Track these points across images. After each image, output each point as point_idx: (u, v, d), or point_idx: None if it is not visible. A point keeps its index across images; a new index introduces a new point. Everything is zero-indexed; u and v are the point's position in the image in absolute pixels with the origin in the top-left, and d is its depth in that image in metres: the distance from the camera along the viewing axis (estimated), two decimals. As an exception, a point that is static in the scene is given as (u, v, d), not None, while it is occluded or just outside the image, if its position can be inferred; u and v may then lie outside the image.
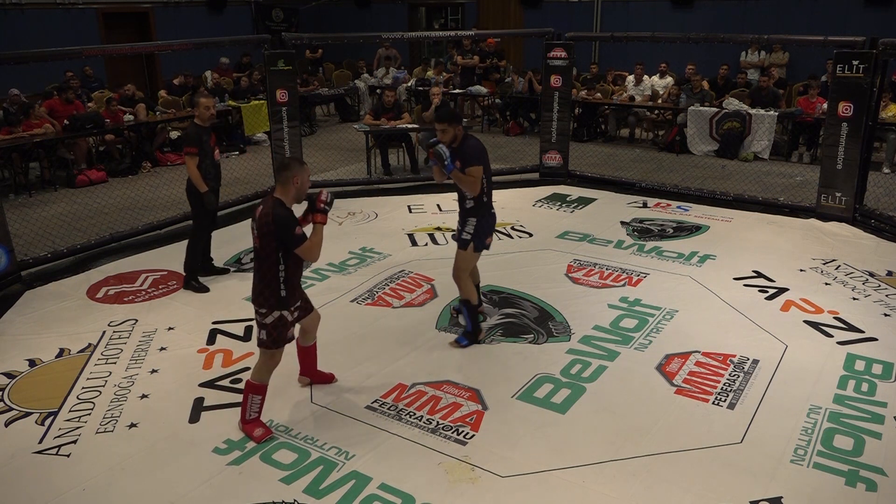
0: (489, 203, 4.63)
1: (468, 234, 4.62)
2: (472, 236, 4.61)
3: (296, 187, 3.65)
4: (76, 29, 12.22)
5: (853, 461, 3.55)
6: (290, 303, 3.75)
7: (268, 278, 3.66)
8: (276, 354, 3.79)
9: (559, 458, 3.61)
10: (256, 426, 3.83)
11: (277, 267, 3.65)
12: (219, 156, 5.78)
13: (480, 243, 4.66)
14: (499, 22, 14.73)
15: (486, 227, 4.65)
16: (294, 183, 3.64)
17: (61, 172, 9.22)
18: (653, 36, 9.48)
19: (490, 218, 4.67)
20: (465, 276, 4.73)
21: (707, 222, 7.24)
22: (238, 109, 10.82)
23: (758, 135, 9.88)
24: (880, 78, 6.97)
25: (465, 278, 4.72)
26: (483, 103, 12.41)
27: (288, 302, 3.73)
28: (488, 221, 4.65)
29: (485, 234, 4.65)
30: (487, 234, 4.67)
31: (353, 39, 11.08)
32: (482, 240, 4.66)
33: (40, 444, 3.78)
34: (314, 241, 3.67)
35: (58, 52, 6.99)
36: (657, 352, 4.65)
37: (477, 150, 4.50)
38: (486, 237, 4.67)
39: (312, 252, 3.67)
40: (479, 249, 4.69)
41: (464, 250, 4.67)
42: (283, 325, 3.74)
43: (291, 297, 3.75)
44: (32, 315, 5.34)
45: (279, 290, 3.67)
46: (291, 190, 3.65)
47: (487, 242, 4.71)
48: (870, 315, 5.10)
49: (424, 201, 8.09)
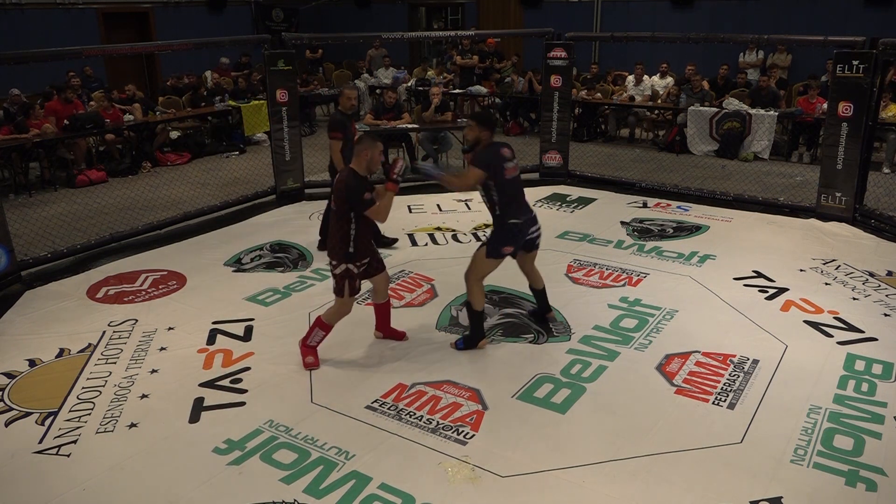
0: (510, 213, 4.50)
1: (486, 237, 4.60)
2: (490, 242, 4.56)
3: (366, 160, 4.22)
4: (76, 29, 12.23)
5: (853, 461, 3.55)
6: (357, 258, 4.32)
7: (340, 234, 4.26)
8: (346, 303, 4.41)
9: (559, 458, 3.61)
10: (309, 353, 4.49)
11: (349, 226, 4.23)
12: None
13: (494, 249, 4.54)
14: (499, 22, 14.74)
15: (504, 236, 4.53)
16: (364, 156, 4.21)
17: (61, 172, 9.23)
18: (653, 36, 9.49)
19: (511, 228, 4.51)
20: (474, 278, 4.60)
21: (707, 222, 7.24)
22: (238, 109, 10.82)
23: (758, 135, 9.88)
24: (880, 78, 6.97)
25: (474, 281, 4.60)
26: (483, 103, 12.41)
27: (354, 257, 4.30)
28: (509, 231, 4.52)
29: (501, 241, 4.53)
30: (505, 242, 4.54)
31: (353, 39, 11.10)
32: (496, 246, 4.54)
33: (40, 444, 3.78)
34: (383, 205, 4.23)
35: (58, 52, 6.98)
36: (657, 352, 4.64)
37: (487, 155, 4.45)
38: (502, 245, 4.54)
39: (380, 214, 4.26)
40: (493, 256, 4.55)
41: (479, 251, 4.62)
42: (350, 276, 4.33)
43: (358, 253, 4.31)
44: (32, 315, 5.35)
45: (348, 246, 4.27)
46: (363, 162, 4.22)
47: (504, 251, 4.56)
48: (870, 315, 5.10)
49: (424, 201, 8.10)
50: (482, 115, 4.80)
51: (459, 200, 8.14)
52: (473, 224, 7.27)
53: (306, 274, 5.99)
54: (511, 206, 4.52)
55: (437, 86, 10.87)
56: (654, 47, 11.89)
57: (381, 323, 4.85)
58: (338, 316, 4.47)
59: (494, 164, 4.44)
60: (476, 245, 6.60)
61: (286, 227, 7.24)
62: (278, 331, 5.00)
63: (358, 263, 4.34)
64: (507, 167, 4.48)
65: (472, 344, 4.70)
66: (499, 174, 4.45)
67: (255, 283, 5.81)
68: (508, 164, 4.50)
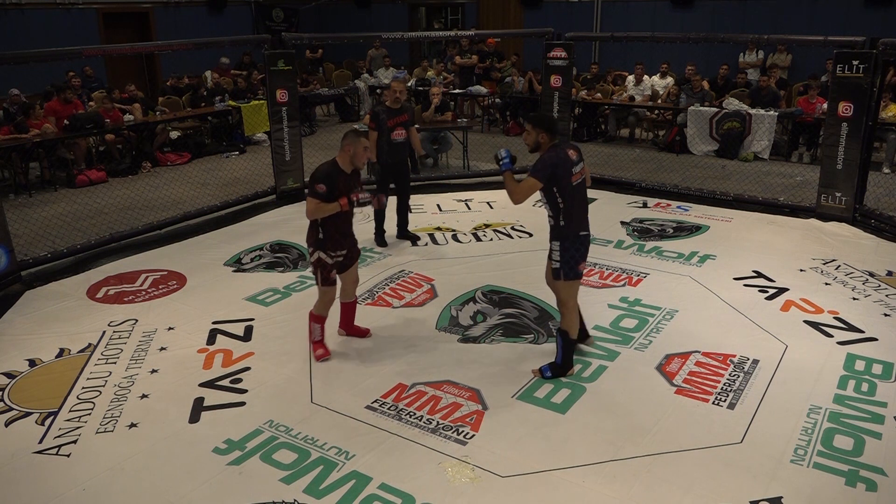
0: (573, 227, 4.17)
1: (556, 262, 4.22)
2: (561, 264, 4.20)
3: (349, 155, 4.26)
4: (76, 29, 12.23)
5: (853, 461, 3.55)
6: (328, 246, 4.37)
7: (312, 221, 4.33)
8: (326, 292, 4.48)
9: (559, 458, 3.61)
10: (317, 347, 4.59)
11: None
12: (399, 135, 6.43)
13: (570, 270, 4.22)
14: (499, 22, 14.74)
15: (576, 251, 4.20)
16: (347, 151, 4.26)
17: (61, 172, 9.22)
18: (653, 36, 9.49)
19: (576, 242, 4.19)
20: (573, 304, 4.30)
21: (707, 222, 7.25)
22: (238, 109, 10.82)
23: (758, 135, 9.88)
24: (880, 78, 6.97)
25: (572, 308, 4.29)
26: (483, 103, 12.41)
27: (325, 245, 4.36)
28: (574, 246, 4.18)
29: (574, 259, 4.20)
30: (578, 258, 4.22)
31: (353, 39, 11.08)
32: (572, 266, 4.21)
33: (40, 444, 3.78)
34: (315, 206, 4.24)
35: (58, 52, 6.98)
36: (657, 352, 4.65)
37: (545, 164, 4.03)
38: (576, 263, 4.22)
39: (307, 209, 4.30)
40: (571, 277, 4.23)
41: (557, 280, 4.27)
42: (324, 265, 4.40)
43: (330, 242, 4.36)
44: (32, 315, 5.34)
45: (318, 232, 4.35)
46: (346, 156, 4.28)
47: (580, 269, 4.27)
48: (870, 315, 5.10)
49: (424, 201, 8.09)
50: (537, 116, 4.29)
51: (459, 200, 8.14)
52: (473, 224, 7.27)
53: (306, 274, 5.98)
54: (577, 214, 4.16)
55: (437, 86, 10.87)
56: (654, 47, 11.89)
57: (345, 321, 4.87)
58: (322, 306, 4.52)
59: (557, 169, 4.02)
60: (477, 245, 6.67)
61: (286, 227, 7.24)
62: (278, 331, 5.00)
63: (331, 253, 4.40)
64: (574, 171, 4.08)
65: (563, 372, 4.33)
66: (563, 180, 4.05)
67: (255, 283, 5.81)
68: (575, 169, 4.10)
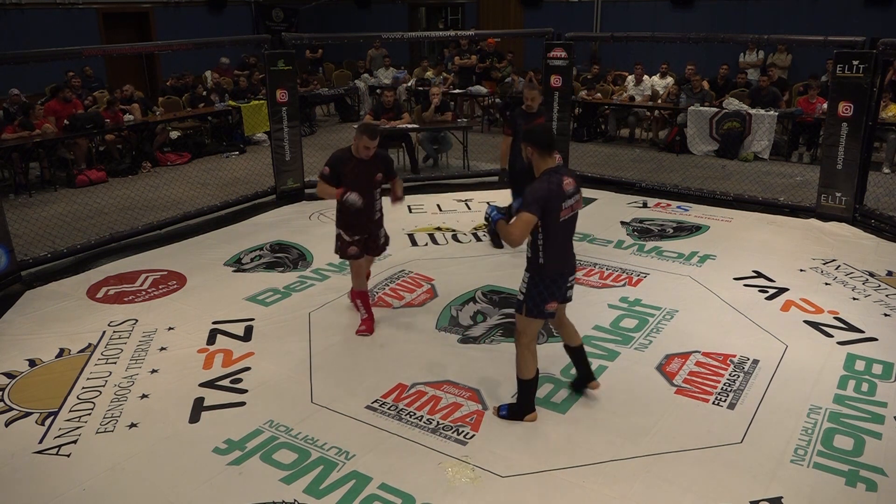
0: (551, 267, 3.65)
1: (521, 293, 3.75)
2: (525, 298, 3.71)
3: (355, 145, 4.69)
4: (76, 29, 12.22)
5: (853, 461, 3.55)
6: (347, 225, 4.81)
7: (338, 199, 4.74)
8: (352, 265, 4.93)
9: (559, 458, 3.61)
10: (362, 324, 4.95)
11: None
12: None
13: (535, 307, 3.68)
14: (499, 22, 14.74)
15: (545, 290, 3.67)
16: (354, 141, 4.69)
17: (61, 172, 9.22)
18: (653, 36, 9.48)
19: (552, 283, 3.68)
20: (526, 342, 3.77)
21: (707, 222, 7.24)
22: (238, 109, 10.82)
23: (758, 135, 9.88)
24: (880, 78, 6.97)
25: (525, 345, 3.77)
26: (483, 103, 12.40)
27: (344, 223, 4.81)
28: (546, 285, 3.67)
29: (542, 297, 3.67)
30: (547, 297, 3.67)
31: (353, 39, 11.08)
32: (538, 304, 3.67)
33: (40, 444, 3.78)
34: (321, 186, 4.77)
35: (58, 52, 6.99)
36: (657, 352, 4.64)
37: (536, 196, 3.49)
38: (545, 302, 3.67)
39: (317, 187, 4.83)
40: (534, 315, 3.71)
41: (518, 313, 3.78)
42: (342, 242, 4.84)
43: (345, 223, 4.81)
44: (32, 315, 5.34)
45: (338, 211, 4.84)
46: (354, 146, 4.72)
47: (548, 309, 3.70)
48: (870, 315, 5.10)
49: (424, 201, 8.09)
50: (534, 131, 3.71)
51: (459, 200, 8.14)
52: (473, 224, 7.27)
53: (306, 274, 5.99)
54: (557, 253, 3.66)
55: (436, 86, 10.86)
56: (654, 47, 11.88)
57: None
58: (357, 277, 4.96)
59: (549, 203, 3.51)
60: (477, 245, 6.67)
61: (286, 227, 7.24)
62: (278, 331, 5.00)
63: (349, 232, 4.80)
64: (564, 206, 3.57)
65: (519, 416, 3.90)
66: (551, 215, 3.54)
67: (255, 283, 5.81)
68: (566, 203, 3.58)
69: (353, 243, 4.80)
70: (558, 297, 3.76)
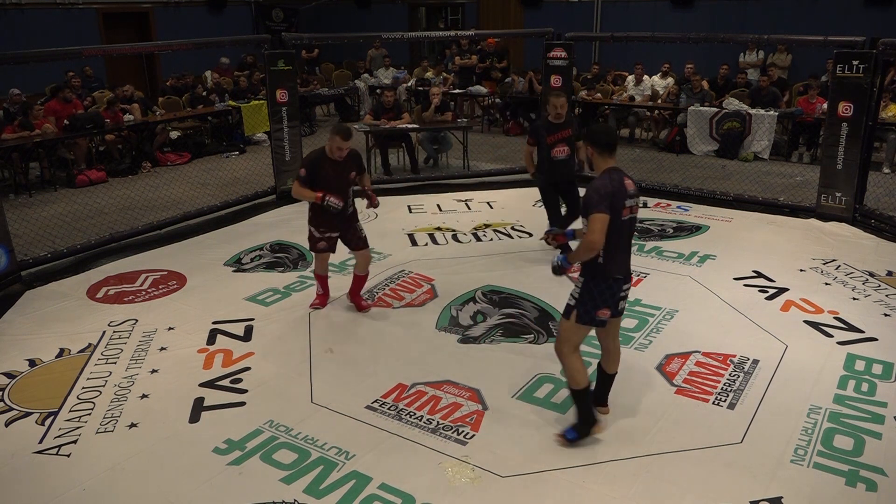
0: (611, 267, 3.50)
1: (572, 297, 3.61)
2: (577, 303, 3.58)
3: (329, 146, 4.82)
4: (76, 29, 12.23)
5: (853, 461, 3.55)
6: (318, 223, 4.98)
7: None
8: (315, 256, 5.21)
9: (559, 458, 3.61)
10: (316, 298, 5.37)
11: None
12: (561, 153, 6.05)
13: (586, 314, 3.55)
14: (499, 22, 14.73)
15: (601, 295, 3.52)
16: (328, 142, 4.82)
17: (61, 172, 9.22)
18: (653, 36, 9.49)
19: (608, 286, 3.52)
20: (568, 351, 3.64)
21: (707, 222, 7.24)
22: (238, 109, 10.82)
23: (758, 135, 9.87)
24: (880, 78, 6.97)
25: (567, 354, 3.64)
26: (483, 103, 12.40)
27: (316, 221, 4.99)
28: (601, 289, 3.52)
29: (596, 302, 3.52)
30: (601, 303, 3.53)
31: (353, 39, 11.08)
32: (589, 310, 3.54)
33: (40, 444, 3.78)
34: (297, 188, 4.89)
35: (58, 52, 6.99)
36: (657, 352, 4.65)
37: (601, 193, 3.41)
38: (598, 308, 3.53)
39: (293, 189, 4.96)
40: (585, 322, 3.58)
41: (566, 319, 3.64)
42: (311, 237, 5.07)
43: (317, 219, 4.97)
44: (32, 315, 5.34)
45: (310, 209, 5.00)
46: (328, 147, 4.85)
47: (600, 315, 3.55)
48: (870, 315, 5.10)
49: (424, 201, 8.09)
50: (596, 131, 3.64)
51: (459, 200, 8.14)
52: (473, 224, 7.27)
53: (306, 274, 5.98)
54: (618, 256, 3.52)
55: (437, 86, 10.86)
56: (654, 47, 11.88)
57: (352, 290, 5.34)
58: (318, 263, 5.25)
59: (613, 199, 3.42)
60: (477, 245, 6.66)
61: (286, 227, 7.24)
62: (278, 331, 5.00)
63: (320, 229, 5.00)
64: (626, 204, 3.47)
65: (585, 431, 3.72)
66: (615, 213, 3.43)
67: (255, 283, 5.81)
68: (628, 202, 3.48)
69: (322, 239, 5.04)
70: (611, 304, 3.56)
